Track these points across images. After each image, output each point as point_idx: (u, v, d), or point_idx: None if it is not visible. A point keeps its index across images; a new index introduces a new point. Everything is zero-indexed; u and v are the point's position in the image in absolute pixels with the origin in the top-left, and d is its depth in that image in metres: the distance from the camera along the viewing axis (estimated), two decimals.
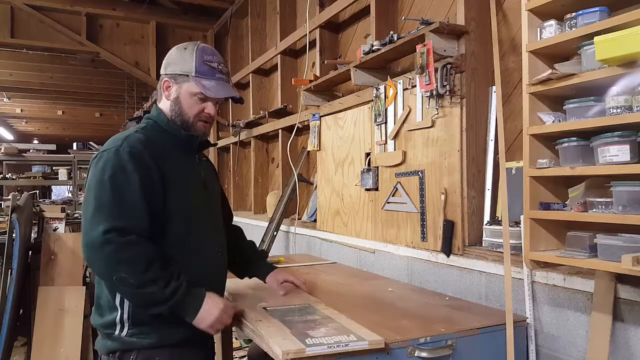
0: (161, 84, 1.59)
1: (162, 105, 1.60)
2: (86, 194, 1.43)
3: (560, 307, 1.61)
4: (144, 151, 1.43)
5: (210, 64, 1.55)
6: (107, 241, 1.32)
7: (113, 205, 1.36)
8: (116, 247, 1.33)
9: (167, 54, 1.61)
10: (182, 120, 1.56)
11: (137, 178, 1.39)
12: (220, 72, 1.57)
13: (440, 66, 2.00)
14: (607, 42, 1.27)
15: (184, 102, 1.55)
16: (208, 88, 1.53)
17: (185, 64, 1.54)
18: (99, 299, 1.49)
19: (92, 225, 1.35)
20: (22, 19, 4.90)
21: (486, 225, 1.94)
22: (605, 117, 1.35)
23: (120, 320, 1.43)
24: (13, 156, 10.31)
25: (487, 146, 2.03)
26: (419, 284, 2.23)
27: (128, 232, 1.35)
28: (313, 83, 3.07)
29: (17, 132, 13.79)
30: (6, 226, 3.41)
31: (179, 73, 1.54)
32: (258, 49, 4.57)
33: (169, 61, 1.58)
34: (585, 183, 1.47)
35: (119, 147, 1.42)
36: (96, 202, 1.37)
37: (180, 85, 1.55)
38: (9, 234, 3.18)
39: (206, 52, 1.57)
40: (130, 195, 1.38)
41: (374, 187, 2.54)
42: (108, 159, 1.40)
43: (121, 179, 1.38)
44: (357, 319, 1.61)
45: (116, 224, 1.34)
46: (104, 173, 1.38)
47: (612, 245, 1.33)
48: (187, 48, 1.57)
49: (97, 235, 1.33)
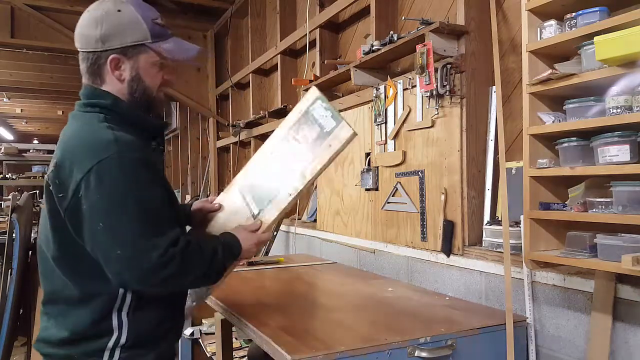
0: (102, 64, 1.25)
1: (110, 89, 1.27)
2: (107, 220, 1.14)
3: (561, 307, 1.61)
4: (145, 154, 1.23)
5: (158, 21, 1.28)
6: (171, 258, 1.16)
7: (154, 222, 1.17)
8: (181, 259, 1.18)
9: (89, 22, 1.24)
10: (147, 99, 1.30)
11: (157, 185, 1.22)
12: (168, 28, 1.31)
13: (440, 66, 2.00)
14: (607, 42, 1.27)
15: (146, 77, 1.28)
16: (175, 52, 1.29)
17: (134, 31, 1.23)
18: (74, 329, 1.22)
19: (143, 251, 1.14)
20: (22, 19, 4.90)
21: (486, 225, 1.94)
22: (605, 117, 1.35)
23: (113, 346, 1.21)
24: (13, 156, 10.31)
25: (487, 146, 2.03)
26: (419, 284, 2.23)
27: (178, 240, 1.19)
28: (313, 83, 3.07)
29: (17, 132, 13.78)
30: (6, 226, 3.41)
31: (129, 44, 1.23)
32: (258, 49, 4.57)
33: (105, 32, 1.22)
34: (585, 183, 1.47)
35: (120, 155, 1.16)
36: (132, 228, 1.14)
37: (135, 59, 1.25)
38: (9, 234, 3.18)
39: (144, 8, 1.27)
40: (161, 205, 1.21)
41: (374, 187, 2.54)
42: (116, 174, 1.15)
43: (147, 192, 1.18)
44: (357, 319, 1.61)
45: (168, 240, 1.17)
46: (122, 192, 1.15)
47: (612, 245, 1.33)
48: (121, 9, 1.23)
49: (155, 259, 1.14)
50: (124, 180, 1.15)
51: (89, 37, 1.24)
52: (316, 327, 1.58)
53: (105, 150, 1.15)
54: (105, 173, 1.13)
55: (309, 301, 1.99)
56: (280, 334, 1.45)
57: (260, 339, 1.46)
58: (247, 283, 2.23)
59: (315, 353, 1.30)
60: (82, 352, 1.22)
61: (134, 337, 1.23)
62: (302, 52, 3.77)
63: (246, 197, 1.51)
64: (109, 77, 1.27)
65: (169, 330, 1.34)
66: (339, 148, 1.35)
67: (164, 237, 1.17)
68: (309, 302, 1.98)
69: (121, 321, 1.22)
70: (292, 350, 1.31)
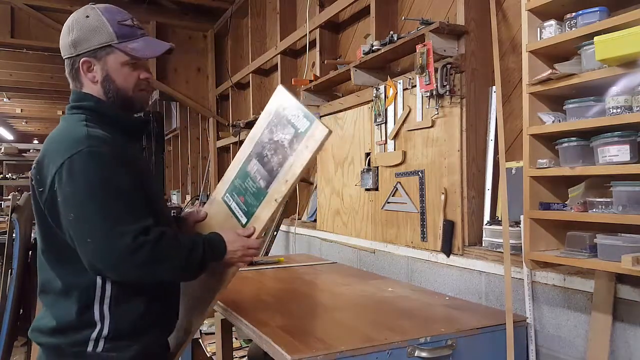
0: (78, 68, 1.32)
1: (89, 90, 1.34)
2: (77, 210, 1.20)
3: (561, 307, 1.61)
4: (116, 148, 1.27)
5: (125, 22, 1.33)
6: (140, 245, 1.18)
7: (125, 211, 1.21)
8: (152, 247, 1.20)
9: (63, 31, 1.33)
10: (122, 98, 1.34)
11: (127, 176, 1.24)
12: (139, 28, 1.35)
13: (440, 66, 1.99)
14: (607, 42, 1.27)
15: (116, 78, 1.32)
16: (141, 50, 1.32)
17: (100, 34, 1.29)
18: (60, 320, 1.27)
19: (112, 240, 1.18)
20: (22, 19, 4.90)
21: (486, 225, 1.94)
22: (605, 117, 1.35)
23: (97, 337, 1.25)
24: (13, 156, 10.32)
25: (487, 146, 2.03)
26: (419, 284, 2.23)
27: (150, 229, 1.22)
28: (313, 83, 3.07)
29: (17, 132, 13.78)
30: (6, 226, 3.41)
31: (97, 47, 1.29)
32: (258, 49, 4.57)
33: (75, 38, 1.30)
34: (585, 183, 1.47)
35: (90, 148, 1.21)
36: (102, 217, 1.19)
37: (104, 60, 1.31)
38: (9, 234, 3.18)
39: (112, 11, 1.32)
40: (131, 195, 1.24)
41: (374, 187, 2.54)
42: (86, 166, 1.20)
43: (114, 182, 1.22)
44: (357, 319, 1.61)
45: (139, 227, 1.20)
46: (92, 182, 1.20)
47: (612, 245, 1.33)
48: (90, 15, 1.30)
49: (124, 246, 1.17)
50: (93, 172, 1.20)
51: (64, 44, 1.33)
52: (316, 327, 1.58)
53: (77, 145, 1.21)
54: (75, 166, 1.19)
55: (309, 301, 1.99)
56: (280, 334, 1.45)
57: (260, 339, 1.46)
58: (247, 283, 2.23)
59: (315, 353, 1.30)
60: (68, 342, 1.26)
61: (116, 329, 1.27)
62: (302, 52, 3.77)
63: (231, 205, 1.51)
64: (85, 80, 1.34)
65: (154, 324, 1.34)
66: (317, 148, 1.35)
67: (133, 226, 1.19)
68: (309, 302, 1.98)
69: (103, 313, 1.26)
70: (292, 350, 1.31)
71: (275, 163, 1.43)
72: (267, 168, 1.45)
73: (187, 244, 1.30)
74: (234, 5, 4.94)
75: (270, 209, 1.40)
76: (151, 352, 1.35)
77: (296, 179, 1.37)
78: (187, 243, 1.30)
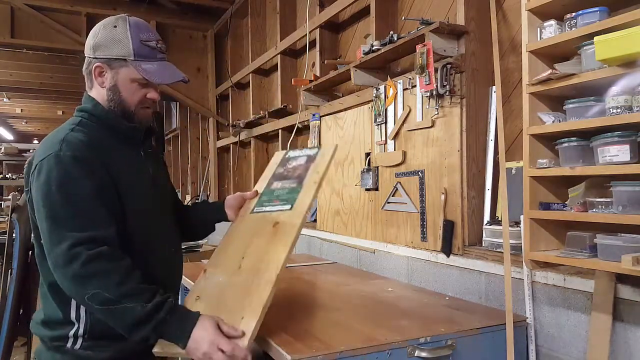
0: (91, 70, 1.38)
1: (94, 94, 1.40)
2: (37, 214, 1.25)
3: (561, 307, 1.61)
4: (87, 153, 1.27)
5: (149, 43, 1.36)
6: (74, 256, 1.17)
7: (71, 216, 1.20)
8: (84, 261, 1.16)
9: (92, 31, 1.38)
10: (122, 109, 1.38)
11: (87, 183, 1.24)
12: (160, 52, 1.39)
13: (440, 66, 1.99)
14: (607, 42, 1.27)
15: (123, 90, 1.36)
16: (152, 73, 1.35)
17: (120, 46, 1.33)
18: (47, 314, 1.34)
19: (52, 245, 1.20)
20: (22, 19, 4.89)
21: (486, 225, 1.94)
22: (605, 117, 1.35)
23: (74, 334, 1.29)
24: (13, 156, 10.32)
25: (487, 146, 2.03)
26: (419, 284, 2.23)
27: (97, 243, 1.19)
28: (313, 83, 3.07)
29: (17, 132, 13.78)
30: (6, 226, 3.41)
31: (114, 57, 1.34)
32: (258, 49, 4.57)
33: (97, 42, 1.35)
34: (585, 183, 1.47)
35: (58, 152, 1.24)
36: (50, 220, 1.21)
37: (116, 71, 1.35)
38: (9, 234, 3.18)
39: (141, 28, 1.36)
40: (86, 203, 1.22)
41: (374, 187, 2.54)
42: (50, 168, 1.23)
43: (71, 187, 1.22)
44: (357, 319, 1.61)
45: (82, 236, 1.18)
46: (50, 185, 1.22)
47: (612, 245, 1.33)
48: (118, 26, 1.35)
49: (60, 253, 1.17)
50: (55, 175, 1.23)
51: (87, 44, 1.39)
52: (316, 327, 1.58)
53: (50, 149, 1.27)
54: (43, 168, 1.24)
55: (309, 301, 1.99)
56: (280, 334, 1.45)
57: (260, 339, 1.46)
58: None
59: (315, 353, 1.30)
60: (51, 335, 1.32)
61: (92, 329, 1.30)
62: (302, 52, 3.77)
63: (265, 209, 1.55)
64: (94, 82, 1.40)
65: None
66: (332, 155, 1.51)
67: (74, 233, 1.19)
68: (309, 302, 1.98)
69: (79, 314, 1.30)
70: (292, 350, 1.31)
71: (299, 173, 1.54)
72: (292, 177, 1.56)
73: (132, 286, 1.18)
74: (234, 5, 4.93)
75: (310, 191, 1.44)
76: (130, 354, 1.33)
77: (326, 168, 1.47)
78: (137, 286, 1.19)
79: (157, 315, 1.18)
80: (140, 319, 1.17)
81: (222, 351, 1.17)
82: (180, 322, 1.21)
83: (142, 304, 1.17)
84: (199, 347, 1.18)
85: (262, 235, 1.46)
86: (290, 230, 1.41)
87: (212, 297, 1.37)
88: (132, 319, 1.18)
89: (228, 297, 1.35)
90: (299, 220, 1.41)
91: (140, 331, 1.18)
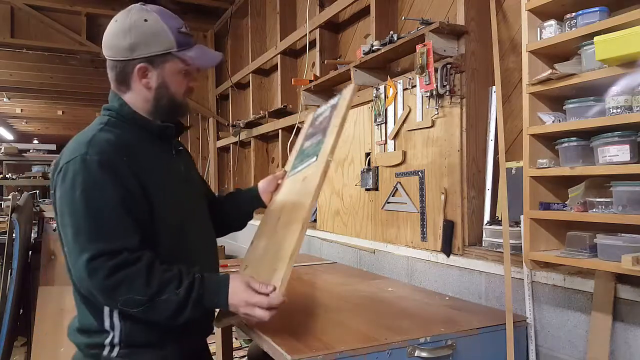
0: (131, 72, 1.28)
1: (131, 98, 1.32)
2: (60, 219, 1.21)
3: (560, 307, 1.61)
4: (115, 157, 1.20)
5: (182, 29, 1.30)
6: (95, 270, 1.14)
7: (92, 228, 1.16)
8: (106, 274, 1.14)
9: (116, 31, 1.28)
10: (173, 105, 1.34)
11: (113, 193, 1.18)
12: (191, 36, 1.34)
13: (440, 66, 2.00)
14: (607, 42, 1.27)
15: (172, 85, 1.31)
16: (198, 59, 1.32)
17: (160, 40, 1.27)
18: (82, 322, 1.30)
19: (75, 254, 1.16)
20: (22, 19, 4.90)
21: (486, 225, 1.94)
22: (605, 117, 1.35)
23: (110, 343, 1.26)
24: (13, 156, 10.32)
25: (487, 146, 2.03)
26: (419, 284, 2.23)
27: (117, 253, 1.15)
28: (313, 83, 3.07)
29: (17, 132, 13.78)
30: (6, 226, 3.42)
31: (156, 53, 1.27)
32: (258, 49, 4.57)
33: (135, 41, 1.26)
34: (585, 183, 1.47)
35: (84, 156, 1.18)
36: (74, 227, 1.17)
37: (161, 67, 1.29)
38: (9, 234, 3.18)
39: (169, 16, 1.30)
40: (109, 212, 1.17)
41: (374, 187, 2.54)
42: (75, 173, 1.17)
43: (95, 196, 1.17)
44: (357, 319, 1.61)
45: (101, 249, 1.14)
46: (74, 191, 1.17)
47: (612, 245, 1.33)
48: (148, 19, 1.27)
49: (82, 265, 1.14)
50: (80, 181, 1.17)
51: (118, 47, 1.28)
52: (316, 327, 1.58)
53: (77, 151, 1.20)
54: (69, 171, 1.18)
55: (309, 301, 1.99)
56: (280, 334, 1.45)
57: (260, 339, 1.46)
58: None
59: (315, 353, 1.30)
60: (87, 343, 1.28)
61: (128, 338, 1.26)
62: (302, 52, 3.77)
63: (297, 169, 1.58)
64: (135, 85, 1.30)
65: (165, 337, 1.29)
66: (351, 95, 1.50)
67: (95, 244, 1.15)
68: (309, 302, 1.98)
69: (113, 323, 1.25)
70: (292, 350, 1.31)
71: (324, 125, 1.55)
72: (319, 132, 1.57)
73: (159, 283, 1.17)
74: (234, 5, 4.94)
75: (332, 136, 1.43)
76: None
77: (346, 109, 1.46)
78: (161, 282, 1.18)
79: (192, 296, 1.19)
80: (178, 306, 1.19)
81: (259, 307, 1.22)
82: (213, 293, 1.23)
83: (174, 292, 1.18)
84: (238, 309, 1.24)
85: (294, 194, 1.50)
86: (314, 178, 1.39)
87: (255, 261, 1.47)
88: (171, 310, 1.19)
89: (266, 257, 1.41)
90: (322, 165, 1.39)
91: (181, 316, 1.20)
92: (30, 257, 3.35)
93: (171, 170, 1.36)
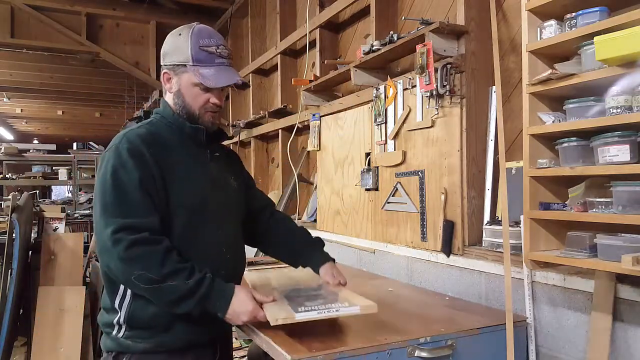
0: (162, 76, 1.51)
1: (167, 99, 1.52)
2: (94, 199, 1.41)
3: (560, 307, 1.61)
4: (141, 147, 1.38)
5: (208, 48, 1.44)
6: (117, 241, 1.28)
7: (118, 204, 1.32)
8: (126, 246, 1.27)
9: (165, 41, 1.51)
10: (187, 112, 1.48)
11: (137, 174, 1.34)
12: (219, 57, 1.46)
13: (440, 66, 1.99)
14: (607, 42, 1.27)
15: (186, 94, 1.46)
16: (207, 77, 1.43)
17: (181, 52, 1.44)
18: (104, 302, 1.47)
19: (101, 228, 1.32)
20: (22, 19, 4.90)
21: (486, 225, 1.94)
22: (605, 117, 1.35)
23: (117, 322, 1.39)
24: (13, 156, 10.31)
25: (487, 146, 2.03)
26: (419, 284, 2.23)
27: (138, 230, 1.30)
28: (313, 83, 3.07)
29: (17, 132, 13.78)
30: (6, 226, 3.41)
31: (176, 63, 1.45)
32: (258, 49, 4.57)
33: (165, 50, 1.49)
34: (585, 183, 1.47)
35: (118, 145, 1.39)
36: (102, 204, 1.33)
37: (179, 76, 1.46)
38: (9, 234, 3.18)
39: (202, 35, 1.45)
40: (133, 192, 1.33)
41: (374, 187, 2.54)
42: (109, 158, 1.37)
43: (122, 177, 1.34)
44: (357, 319, 1.60)
45: (124, 223, 1.29)
46: (107, 173, 1.35)
47: (612, 245, 1.33)
48: (182, 34, 1.45)
49: (106, 237, 1.29)
50: (112, 164, 1.36)
51: (161, 55, 1.51)
52: (316, 327, 1.58)
53: (114, 142, 1.42)
54: (105, 159, 1.39)
55: None
56: (280, 334, 1.45)
57: (260, 339, 1.46)
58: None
59: (315, 353, 1.30)
60: (104, 322, 1.44)
61: (129, 319, 1.38)
62: (302, 52, 3.78)
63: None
64: (165, 87, 1.52)
65: (170, 323, 1.39)
66: None
67: (117, 219, 1.30)
68: None
69: (122, 302, 1.39)
70: (292, 350, 1.31)
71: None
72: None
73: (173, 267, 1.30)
74: (234, 5, 4.94)
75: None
76: (167, 349, 1.40)
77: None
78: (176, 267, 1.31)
79: (199, 291, 1.31)
80: (184, 295, 1.30)
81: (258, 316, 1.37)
82: (219, 296, 1.35)
83: (184, 281, 1.30)
84: (240, 316, 1.36)
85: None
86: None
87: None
88: (177, 296, 1.30)
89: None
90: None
91: (185, 306, 1.31)
92: (30, 257, 3.35)
93: (198, 169, 1.49)
